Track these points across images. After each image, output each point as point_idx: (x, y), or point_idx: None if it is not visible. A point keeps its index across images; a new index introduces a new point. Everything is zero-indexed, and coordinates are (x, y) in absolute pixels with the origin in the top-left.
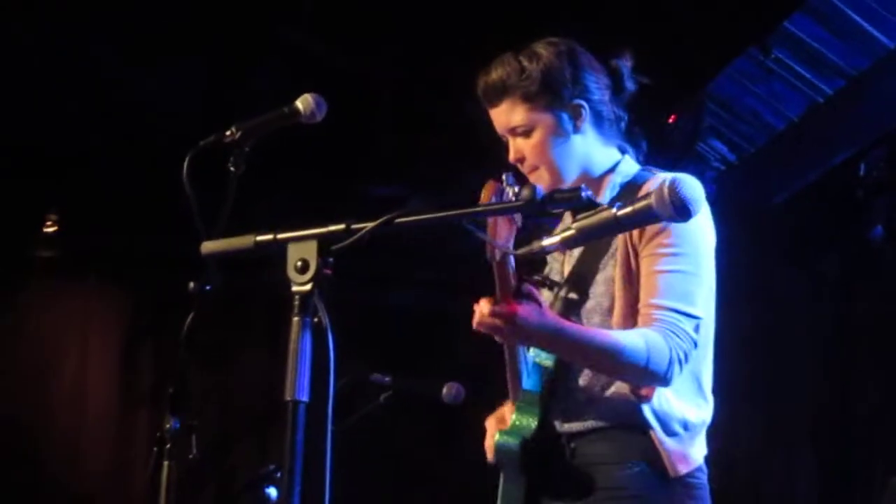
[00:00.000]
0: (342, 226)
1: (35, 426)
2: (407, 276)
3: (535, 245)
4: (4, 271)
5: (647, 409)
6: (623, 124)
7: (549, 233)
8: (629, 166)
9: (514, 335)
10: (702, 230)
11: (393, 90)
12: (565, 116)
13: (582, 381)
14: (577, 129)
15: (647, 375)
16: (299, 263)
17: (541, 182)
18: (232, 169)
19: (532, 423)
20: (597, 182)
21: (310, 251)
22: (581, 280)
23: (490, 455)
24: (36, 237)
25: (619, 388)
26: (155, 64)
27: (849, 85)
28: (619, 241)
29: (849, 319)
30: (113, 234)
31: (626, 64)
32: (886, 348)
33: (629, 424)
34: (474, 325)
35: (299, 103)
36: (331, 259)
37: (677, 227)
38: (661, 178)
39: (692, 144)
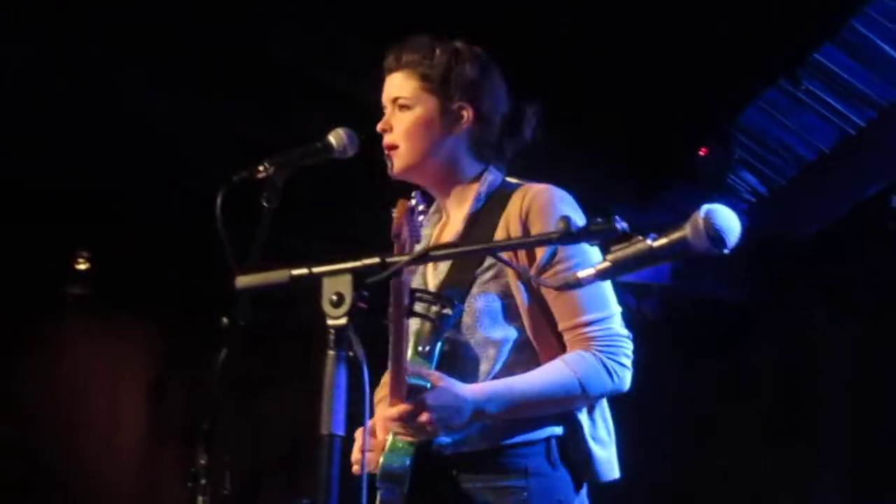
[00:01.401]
0: (377, 259)
1: (66, 462)
2: None
3: (571, 277)
4: (37, 309)
5: (580, 416)
6: (505, 154)
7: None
8: (493, 176)
9: (433, 427)
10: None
11: None
12: (448, 112)
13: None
14: (452, 130)
15: (595, 397)
16: (334, 297)
17: (396, 160)
18: (265, 204)
19: (408, 447)
20: (463, 191)
21: (345, 285)
22: (455, 294)
23: (355, 468)
24: (68, 274)
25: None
26: (186, 101)
27: (880, 116)
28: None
29: (878, 351)
30: (144, 270)
31: (532, 111)
32: None
33: (523, 444)
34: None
35: (332, 138)
36: (365, 293)
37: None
38: (531, 190)
39: (723, 177)
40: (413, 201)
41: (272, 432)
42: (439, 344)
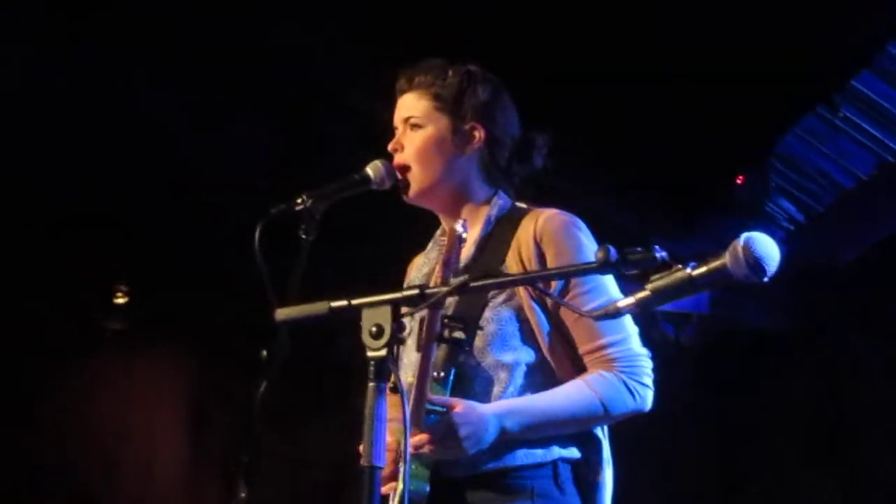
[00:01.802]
0: (416, 290)
1: (106, 497)
2: None
3: (611, 307)
4: (75, 342)
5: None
6: (514, 180)
7: None
8: (503, 201)
9: (464, 446)
10: (592, 253)
11: None
12: (460, 132)
13: None
14: (464, 150)
15: (617, 417)
16: (374, 329)
17: (411, 182)
18: (303, 237)
19: (426, 472)
20: (474, 213)
21: (384, 316)
22: (469, 317)
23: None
24: (106, 308)
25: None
26: (224, 133)
27: None
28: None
29: None
30: (182, 303)
31: (542, 140)
32: None
33: (530, 466)
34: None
35: (370, 170)
36: (405, 324)
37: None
38: (543, 214)
39: (760, 205)
40: (459, 229)
41: (313, 464)
42: (453, 371)
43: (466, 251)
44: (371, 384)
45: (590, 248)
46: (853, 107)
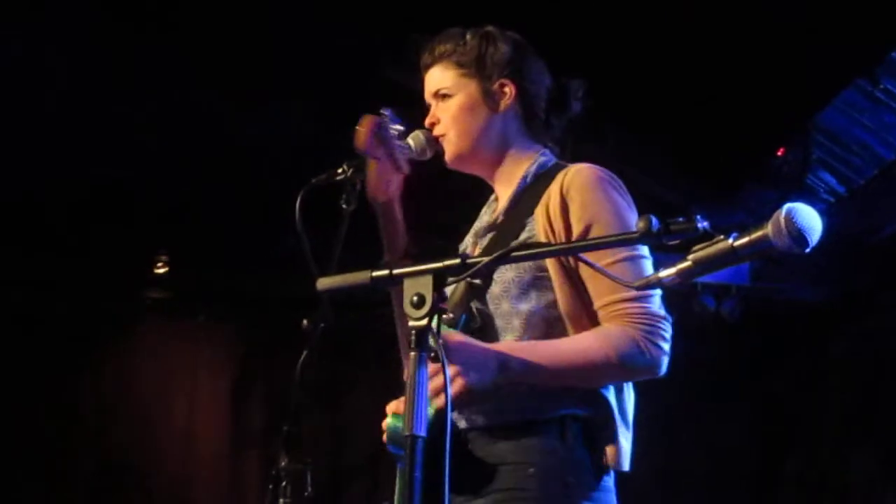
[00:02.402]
0: (457, 260)
1: (146, 467)
2: None
3: (653, 277)
4: (117, 313)
5: (609, 395)
6: (556, 133)
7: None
8: (545, 157)
9: (461, 379)
10: (625, 218)
11: None
12: (491, 91)
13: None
14: (497, 109)
15: (628, 371)
16: (415, 298)
17: (447, 147)
18: (344, 206)
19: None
20: (512, 170)
21: (425, 286)
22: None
23: (385, 437)
24: (147, 278)
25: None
26: (260, 106)
27: None
28: (538, 229)
29: None
30: (223, 273)
31: (575, 84)
32: None
33: (538, 422)
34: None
35: (411, 140)
36: (446, 293)
37: (603, 227)
38: (576, 167)
39: (801, 177)
40: (384, 114)
41: (354, 434)
42: (464, 315)
43: (501, 206)
44: (412, 353)
45: (619, 204)
46: (893, 79)
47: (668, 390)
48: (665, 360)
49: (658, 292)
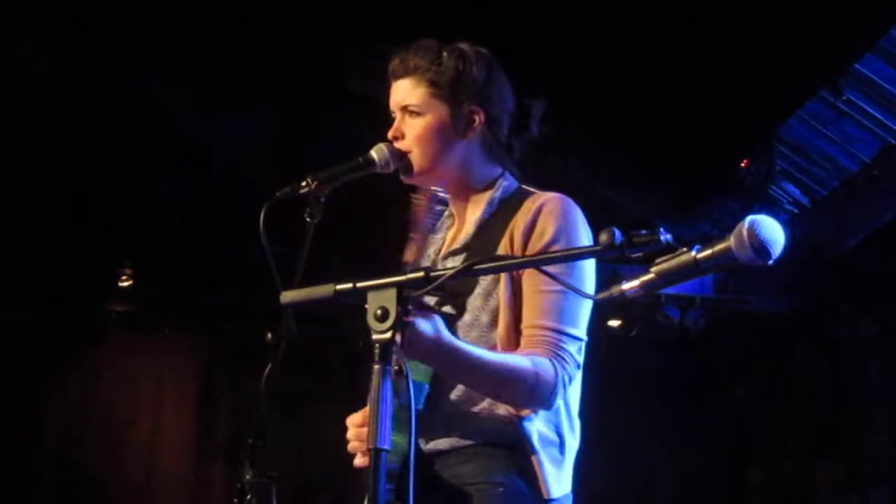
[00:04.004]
0: (421, 273)
1: (110, 480)
2: None
3: (615, 289)
4: (80, 326)
5: (531, 427)
6: (514, 155)
7: None
8: (508, 182)
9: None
10: (582, 236)
11: None
12: (460, 116)
13: (452, 397)
14: (464, 135)
15: (532, 399)
16: (379, 311)
17: (412, 164)
18: (308, 219)
19: (399, 439)
20: (478, 195)
21: (389, 299)
22: (459, 293)
23: (350, 447)
24: (111, 292)
25: (490, 404)
26: (228, 117)
27: None
28: (501, 253)
29: None
30: (187, 286)
31: (536, 105)
32: None
33: (499, 443)
34: None
35: (374, 153)
36: (410, 307)
37: (561, 243)
38: (542, 197)
39: (764, 188)
40: (437, 189)
41: (319, 447)
42: None
43: (466, 232)
44: (376, 367)
45: (582, 233)
46: (857, 90)
47: (631, 402)
48: (556, 400)
49: (584, 341)
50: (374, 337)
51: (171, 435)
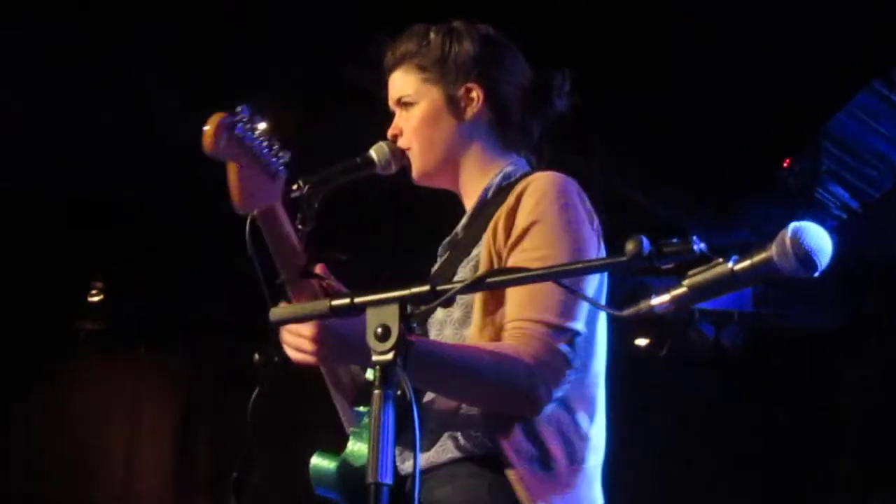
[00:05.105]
0: (426, 287)
1: None
2: None
3: (643, 305)
4: (46, 345)
5: (505, 439)
6: (533, 138)
7: None
8: (512, 167)
9: (324, 352)
10: (575, 226)
11: None
12: (455, 97)
13: (425, 409)
14: (463, 116)
15: (509, 400)
16: (379, 330)
17: (413, 162)
18: (299, 227)
19: (364, 451)
20: (477, 182)
21: (391, 316)
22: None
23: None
24: (80, 307)
25: (466, 412)
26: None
27: None
28: (483, 245)
29: None
30: (165, 300)
31: (560, 78)
32: None
33: (476, 457)
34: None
35: (373, 153)
36: (414, 325)
37: (546, 227)
38: (529, 177)
39: (810, 191)
40: (238, 110)
41: (307, 477)
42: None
43: (462, 222)
44: (376, 391)
45: (572, 209)
46: None
47: (663, 426)
48: (543, 405)
49: (578, 333)
50: (375, 358)
51: (147, 467)
